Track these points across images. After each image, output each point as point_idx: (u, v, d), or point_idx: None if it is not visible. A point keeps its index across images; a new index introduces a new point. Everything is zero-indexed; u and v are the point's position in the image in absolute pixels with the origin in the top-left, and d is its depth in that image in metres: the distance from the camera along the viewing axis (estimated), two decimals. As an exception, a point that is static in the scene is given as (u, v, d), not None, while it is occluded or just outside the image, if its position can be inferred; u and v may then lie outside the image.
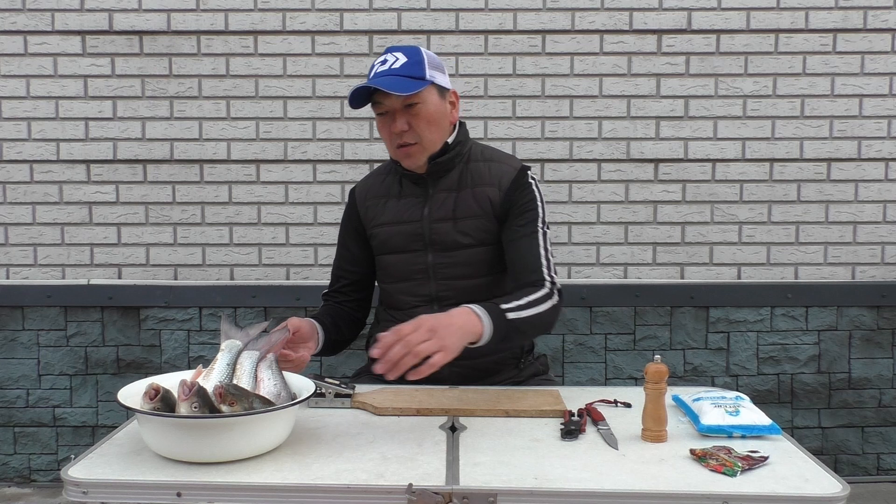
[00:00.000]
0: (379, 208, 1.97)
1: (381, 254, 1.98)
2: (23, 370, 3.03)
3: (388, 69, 1.81)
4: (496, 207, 1.89)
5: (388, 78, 1.79)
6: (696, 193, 3.01)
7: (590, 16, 2.95)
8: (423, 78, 1.81)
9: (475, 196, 1.90)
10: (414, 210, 1.93)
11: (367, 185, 2.04)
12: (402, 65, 1.81)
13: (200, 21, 2.94)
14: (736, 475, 1.29)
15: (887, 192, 3.02)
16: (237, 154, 2.99)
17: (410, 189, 1.94)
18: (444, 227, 1.90)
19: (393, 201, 1.96)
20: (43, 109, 2.97)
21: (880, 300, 3.03)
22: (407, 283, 1.95)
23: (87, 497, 1.26)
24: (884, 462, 3.10)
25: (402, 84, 1.78)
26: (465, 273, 1.91)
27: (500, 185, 1.90)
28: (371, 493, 1.25)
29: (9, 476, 3.06)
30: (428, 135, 1.84)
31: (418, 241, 1.92)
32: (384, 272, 2.01)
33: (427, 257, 1.92)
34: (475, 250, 1.90)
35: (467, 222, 1.89)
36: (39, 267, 3.02)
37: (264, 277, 3.03)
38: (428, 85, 1.82)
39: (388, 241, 1.95)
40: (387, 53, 1.85)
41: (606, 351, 3.04)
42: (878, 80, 2.98)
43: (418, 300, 1.93)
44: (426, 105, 1.83)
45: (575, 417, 1.56)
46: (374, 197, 2.00)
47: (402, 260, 1.94)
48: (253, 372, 1.50)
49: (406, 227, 1.92)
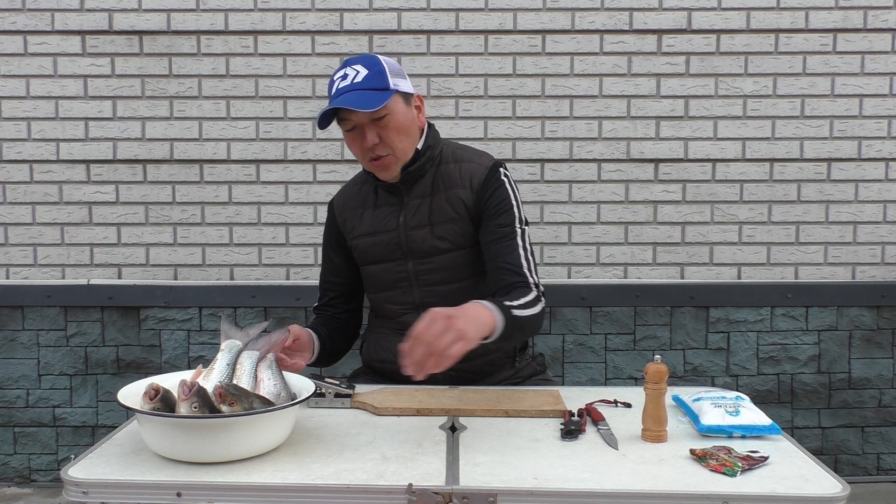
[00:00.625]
0: (356, 219, 1.96)
1: (364, 264, 1.98)
2: (23, 370, 3.03)
3: (351, 84, 1.76)
4: (470, 209, 1.85)
5: (353, 94, 1.74)
6: (696, 193, 3.01)
7: (590, 16, 2.95)
8: (386, 88, 1.77)
9: (448, 199, 1.86)
10: (390, 219, 1.91)
11: (344, 197, 2.02)
12: (364, 77, 1.76)
13: (200, 21, 2.94)
14: (736, 475, 1.29)
15: (887, 192, 3.02)
16: (237, 154, 2.99)
17: (385, 198, 1.92)
18: (420, 234, 1.87)
19: (369, 211, 1.94)
20: (43, 109, 2.97)
21: (880, 300, 3.03)
22: (391, 292, 1.94)
23: (87, 497, 1.26)
24: (884, 462, 3.10)
25: (368, 99, 1.73)
26: (447, 278, 1.89)
27: (471, 185, 1.86)
28: (371, 493, 1.25)
29: (9, 476, 3.06)
30: (399, 144, 1.80)
31: (397, 251, 1.90)
32: (368, 282, 2.00)
33: (407, 265, 1.90)
34: (454, 254, 1.87)
35: (443, 227, 1.86)
36: (39, 267, 3.02)
37: (264, 277, 3.03)
38: (393, 94, 1.77)
39: (368, 251, 1.94)
40: (345, 67, 1.80)
41: (606, 351, 3.04)
42: (878, 80, 2.98)
43: (404, 308, 1.92)
44: (394, 115, 1.78)
45: (575, 417, 1.56)
46: (350, 208, 1.98)
47: (384, 269, 1.93)
48: (253, 372, 1.50)
49: (384, 237, 1.91)
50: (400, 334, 1.85)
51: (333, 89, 1.80)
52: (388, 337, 1.94)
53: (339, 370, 3.00)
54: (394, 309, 1.95)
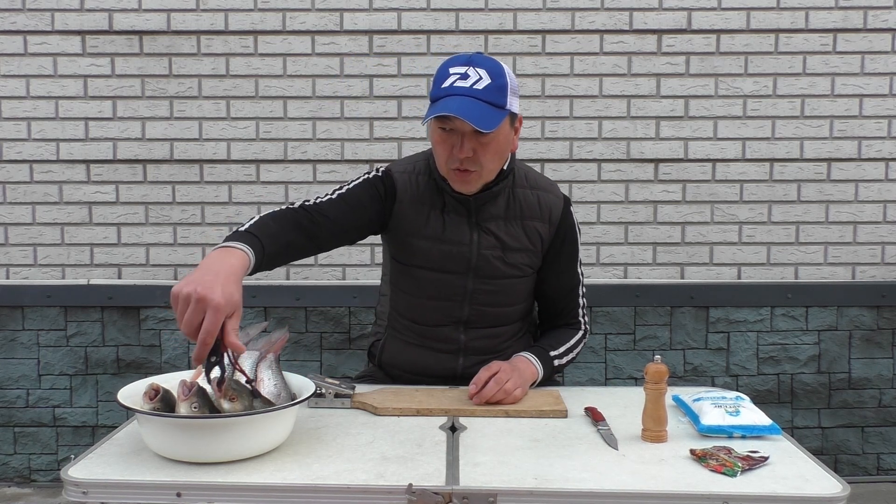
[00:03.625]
0: (422, 216, 1.81)
1: (414, 266, 1.83)
2: (23, 370, 3.03)
3: (470, 88, 1.63)
4: (545, 243, 1.85)
5: (469, 102, 1.62)
6: (696, 193, 3.01)
7: (590, 16, 2.95)
8: (503, 107, 1.66)
9: (525, 229, 1.82)
10: (461, 232, 1.80)
11: (406, 180, 1.82)
12: (485, 87, 1.63)
13: (200, 21, 2.94)
14: (736, 475, 1.29)
15: (887, 192, 3.02)
16: (237, 154, 2.99)
17: (454, 206, 1.80)
18: (491, 256, 1.80)
19: (436, 213, 1.80)
20: (43, 109, 2.97)
21: (880, 300, 3.03)
22: (440, 303, 1.84)
23: (87, 497, 1.26)
24: (884, 462, 3.10)
25: (485, 115, 1.62)
26: (502, 301, 1.85)
27: (550, 219, 1.84)
28: (371, 493, 1.25)
29: (9, 476, 3.06)
30: (490, 165, 1.71)
31: (462, 265, 1.81)
32: (413, 284, 1.86)
33: (467, 282, 1.82)
34: (517, 281, 1.85)
35: (516, 255, 1.82)
36: (39, 267, 3.02)
37: (264, 277, 3.02)
38: (506, 115, 1.67)
39: (427, 255, 1.81)
40: (469, 66, 1.66)
41: (606, 351, 3.04)
42: (878, 80, 2.98)
43: (447, 320, 1.85)
44: (497, 136, 1.67)
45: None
46: (414, 201, 1.81)
47: (442, 279, 1.82)
48: (253, 372, 1.50)
49: (451, 249, 1.80)
50: (428, 348, 1.86)
51: (447, 83, 1.66)
52: (415, 348, 1.88)
53: (339, 370, 3.01)
54: (435, 318, 1.86)
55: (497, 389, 1.63)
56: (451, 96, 1.64)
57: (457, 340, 1.85)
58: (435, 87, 1.69)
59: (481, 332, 1.86)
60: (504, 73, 1.68)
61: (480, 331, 1.86)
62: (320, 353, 3.03)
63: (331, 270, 3.03)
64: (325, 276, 3.03)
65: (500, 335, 1.88)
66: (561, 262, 1.88)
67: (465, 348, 1.86)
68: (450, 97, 1.64)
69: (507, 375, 1.66)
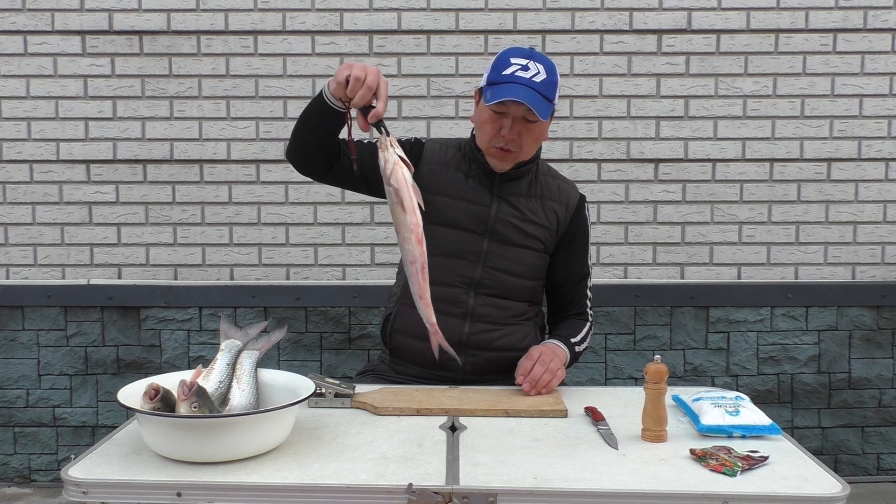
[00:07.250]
0: (445, 175, 1.95)
1: (433, 223, 1.85)
2: (23, 370, 3.03)
3: (530, 80, 1.81)
4: (561, 226, 1.98)
5: (530, 92, 1.80)
6: (696, 193, 3.01)
7: (590, 16, 2.95)
8: (552, 101, 1.86)
9: (544, 207, 1.97)
10: (482, 196, 1.93)
11: (436, 148, 2.00)
12: (542, 81, 1.82)
13: (200, 21, 2.94)
14: (736, 475, 1.29)
15: (887, 192, 3.02)
16: (237, 154, 2.99)
17: (479, 176, 1.95)
18: (510, 222, 1.93)
19: (460, 176, 1.95)
20: (43, 109, 2.97)
21: (880, 300, 3.03)
22: (453, 261, 1.91)
23: (87, 497, 1.26)
24: (884, 462, 3.10)
25: (540, 105, 1.81)
26: (514, 270, 1.93)
27: (567, 204, 1.99)
28: (371, 493, 1.25)
29: (9, 476, 3.06)
30: (528, 149, 1.89)
31: (480, 225, 1.92)
32: (430, 241, 1.82)
33: (483, 243, 1.92)
34: (531, 253, 1.94)
35: (534, 227, 1.94)
36: (39, 267, 3.02)
37: (264, 277, 3.03)
38: (553, 109, 1.88)
39: (447, 212, 1.92)
40: (529, 59, 1.84)
41: (606, 351, 3.04)
42: (878, 80, 2.98)
43: (459, 280, 1.91)
44: (540, 125, 1.87)
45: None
46: (441, 163, 1.97)
47: (457, 236, 1.91)
48: (253, 372, 1.50)
49: (471, 207, 1.92)
50: (437, 311, 1.75)
51: (509, 71, 1.83)
52: None
53: (339, 370, 3.01)
54: (448, 278, 1.89)
55: (544, 371, 1.73)
56: (512, 83, 1.81)
57: (465, 303, 1.91)
58: (495, 71, 1.86)
59: (490, 299, 1.92)
60: (556, 72, 1.88)
61: (489, 298, 1.92)
62: (320, 353, 3.03)
63: (331, 270, 3.03)
64: (325, 276, 3.03)
65: (507, 308, 1.94)
66: (573, 250, 2.01)
67: (473, 314, 1.91)
68: (512, 84, 1.81)
69: (549, 357, 1.76)
